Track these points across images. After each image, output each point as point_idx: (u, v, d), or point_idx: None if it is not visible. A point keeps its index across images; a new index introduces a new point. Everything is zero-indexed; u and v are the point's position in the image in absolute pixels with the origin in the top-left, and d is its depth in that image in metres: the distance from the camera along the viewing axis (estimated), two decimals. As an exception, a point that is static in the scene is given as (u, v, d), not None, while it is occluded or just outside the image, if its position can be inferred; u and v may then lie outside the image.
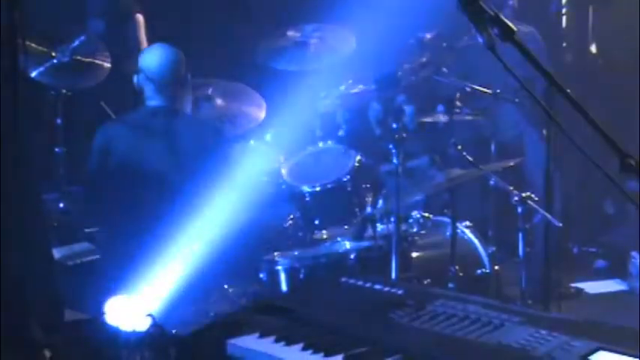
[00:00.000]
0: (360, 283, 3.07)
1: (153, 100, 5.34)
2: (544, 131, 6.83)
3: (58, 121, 6.65)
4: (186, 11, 8.03)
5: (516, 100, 6.68)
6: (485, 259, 5.78)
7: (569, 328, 2.54)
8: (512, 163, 6.19)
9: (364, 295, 2.97)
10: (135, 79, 5.41)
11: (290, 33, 6.89)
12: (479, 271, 5.77)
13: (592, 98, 7.58)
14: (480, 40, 2.37)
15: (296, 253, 5.67)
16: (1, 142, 3.15)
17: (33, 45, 6.24)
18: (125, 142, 5.27)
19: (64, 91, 6.63)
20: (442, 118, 6.47)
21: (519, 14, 7.32)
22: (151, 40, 5.66)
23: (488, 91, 6.42)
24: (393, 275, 5.36)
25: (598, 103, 7.45)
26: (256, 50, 6.90)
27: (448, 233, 5.70)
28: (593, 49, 8.40)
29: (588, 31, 8.28)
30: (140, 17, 7.55)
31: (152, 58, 5.37)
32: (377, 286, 3.01)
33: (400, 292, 2.92)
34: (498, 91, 6.42)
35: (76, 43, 6.56)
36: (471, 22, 2.36)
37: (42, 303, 3.46)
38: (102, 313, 3.63)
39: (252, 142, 6.67)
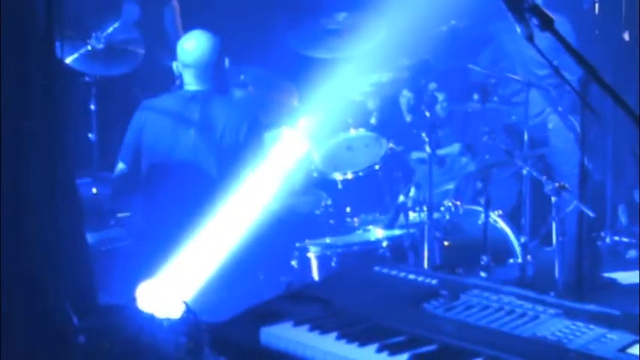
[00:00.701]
0: (393, 272, 3.06)
1: (191, 85, 5.41)
2: (572, 118, 6.80)
3: (92, 107, 6.69)
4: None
5: (546, 88, 6.64)
6: (518, 249, 5.76)
7: (606, 320, 2.52)
8: (544, 152, 6.16)
9: (398, 284, 2.95)
10: (174, 65, 5.49)
11: (323, 21, 6.88)
12: (511, 260, 5.75)
13: (627, 86, 7.52)
14: (519, 29, 2.36)
15: (328, 240, 5.68)
16: (41, 129, 3.17)
17: (68, 32, 6.26)
18: (157, 129, 5.32)
19: (97, 77, 6.66)
20: (475, 106, 6.44)
21: (550, 2, 7.26)
22: (187, 27, 5.67)
23: (521, 79, 6.37)
24: (425, 263, 5.36)
25: (633, 92, 7.39)
26: (289, 38, 6.90)
27: (480, 222, 5.69)
28: (627, 36, 8.32)
29: (621, 19, 8.19)
30: (176, 3, 7.56)
31: (190, 44, 5.43)
32: (410, 276, 2.99)
33: (434, 281, 2.91)
34: (530, 79, 6.37)
35: (110, 29, 6.59)
36: (510, 12, 2.35)
37: (76, 288, 3.47)
38: (134, 299, 3.65)
39: (284, 129, 6.67)
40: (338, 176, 6.27)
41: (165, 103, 5.45)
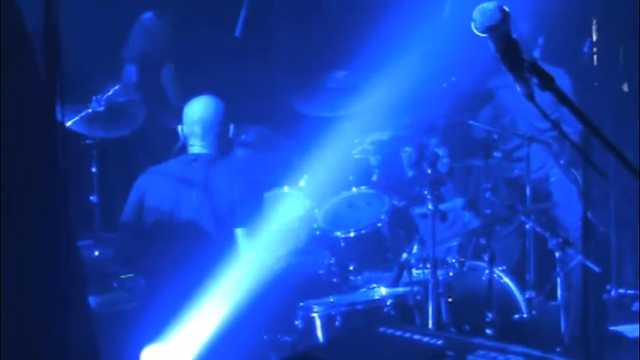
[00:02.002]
0: (398, 332, 3.03)
1: (195, 147, 5.47)
2: (574, 172, 6.80)
3: (93, 169, 6.70)
4: (222, 59, 8.07)
5: (548, 142, 6.65)
6: (523, 304, 5.73)
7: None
8: (547, 206, 6.14)
9: (404, 346, 2.92)
10: (179, 128, 5.55)
11: (323, 79, 6.91)
12: (516, 316, 5.71)
13: (627, 137, 7.53)
14: (519, 88, 2.36)
15: (331, 299, 5.64)
16: (44, 194, 3.17)
17: (69, 95, 6.28)
18: (161, 192, 5.33)
19: (98, 139, 6.67)
20: (477, 162, 6.44)
21: (549, 55, 7.30)
22: (188, 88, 5.72)
23: (522, 134, 6.38)
24: (430, 321, 5.32)
25: (631, 142, 7.40)
26: (290, 96, 6.93)
27: (484, 278, 5.66)
28: (625, 87, 8.35)
29: (620, 70, 8.23)
30: (171, 66, 7.62)
31: (196, 107, 5.50)
32: (416, 336, 2.96)
33: (440, 342, 2.88)
34: (531, 134, 6.38)
35: (111, 92, 6.62)
36: (510, 72, 2.35)
37: (80, 353, 3.44)
38: (139, 363, 3.62)
39: (285, 188, 6.67)
40: (340, 234, 6.25)
41: (169, 167, 5.49)
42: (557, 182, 7.01)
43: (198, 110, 5.47)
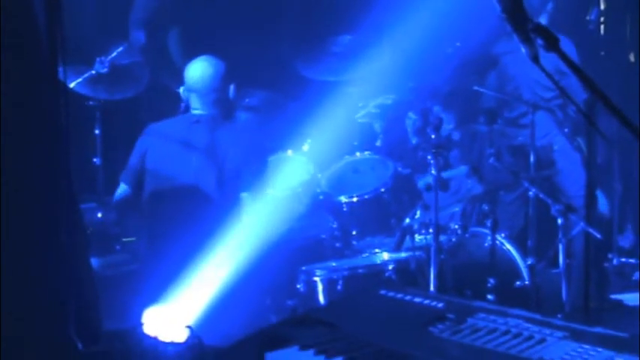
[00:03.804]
0: (399, 295, 3.03)
1: (197, 109, 5.43)
2: (579, 140, 6.78)
3: (97, 131, 6.70)
4: (227, 23, 8.05)
5: (552, 109, 6.62)
6: (525, 271, 5.74)
7: (613, 343, 2.49)
8: (550, 173, 6.13)
9: (404, 308, 2.93)
10: (181, 90, 5.52)
11: (328, 44, 6.89)
12: (518, 283, 5.72)
13: (631, 107, 7.51)
14: (524, 49, 2.34)
15: (334, 264, 5.65)
16: (45, 155, 3.16)
17: (71, 56, 6.27)
18: (164, 151, 5.31)
19: (102, 101, 6.67)
20: (481, 128, 6.42)
21: (556, 22, 7.26)
22: (194, 51, 5.70)
23: (527, 101, 6.35)
24: (432, 286, 5.33)
25: (637, 112, 7.38)
26: (295, 61, 6.91)
27: (487, 244, 5.66)
28: (632, 57, 8.32)
29: (627, 40, 8.19)
30: (178, 29, 7.59)
31: (196, 69, 5.46)
32: (417, 299, 2.97)
33: (440, 305, 2.88)
34: (535, 101, 6.34)
35: (115, 54, 6.61)
36: (515, 32, 2.33)
37: (80, 313, 3.45)
38: (140, 324, 3.62)
39: (289, 152, 6.67)
40: (344, 199, 6.25)
41: (170, 127, 5.46)
42: (560, 150, 6.98)
43: (197, 73, 5.43)
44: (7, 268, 3.06)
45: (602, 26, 8.03)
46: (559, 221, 5.64)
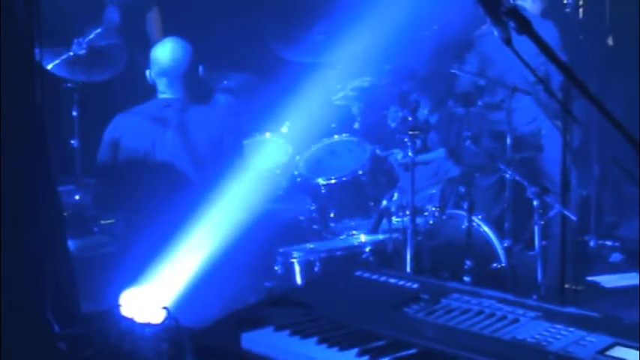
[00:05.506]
0: (374, 276, 3.06)
1: (165, 93, 5.34)
2: (558, 123, 6.80)
3: (74, 113, 6.67)
4: (205, 5, 8.02)
5: (532, 93, 6.63)
6: (501, 253, 5.77)
7: (585, 322, 2.53)
8: (526, 155, 6.15)
9: (379, 288, 2.95)
10: (147, 73, 5.41)
11: (306, 26, 6.89)
12: (494, 265, 5.76)
13: (609, 91, 7.54)
14: (497, 32, 2.35)
15: (311, 245, 5.67)
16: (20, 134, 3.16)
17: (48, 38, 6.24)
18: (136, 133, 5.25)
19: (80, 83, 6.64)
20: (458, 111, 6.44)
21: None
22: (171, 33, 5.65)
23: (506, 85, 6.35)
24: (408, 268, 5.36)
25: (615, 96, 7.41)
26: (273, 43, 6.91)
27: (463, 226, 5.69)
28: (610, 41, 8.35)
29: (606, 24, 8.22)
30: (156, 10, 7.55)
31: (162, 52, 5.35)
32: (392, 280, 2.99)
33: (415, 286, 2.91)
34: (515, 85, 6.34)
35: (93, 35, 6.58)
36: (487, 15, 2.34)
37: (58, 295, 3.46)
38: (117, 306, 3.63)
39: (267, 134, 6.68)
40: (322, 181, 6.26)
41: (141, 112, 5.40)
42: (547, 135, 7.00)
43: (165, 56, 5.30)
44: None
45: (580, 10, 8.06)
46: (535, 203, 5.67)
